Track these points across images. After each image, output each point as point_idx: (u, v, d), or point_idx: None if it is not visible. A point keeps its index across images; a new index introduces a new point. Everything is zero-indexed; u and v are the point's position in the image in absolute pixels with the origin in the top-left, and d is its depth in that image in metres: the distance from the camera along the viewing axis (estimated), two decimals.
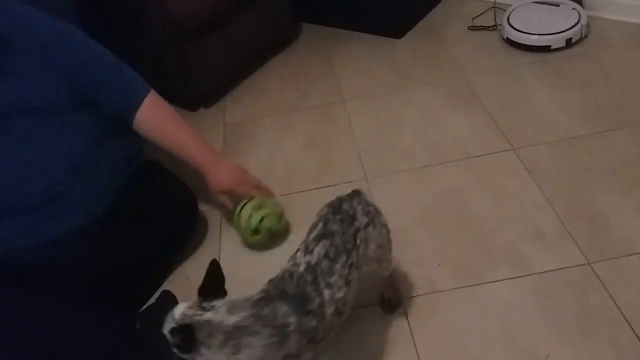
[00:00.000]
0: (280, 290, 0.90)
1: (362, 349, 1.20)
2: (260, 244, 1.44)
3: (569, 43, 1.95)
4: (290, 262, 0.96)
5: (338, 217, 1.01)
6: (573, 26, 1.95)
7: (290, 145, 1.81)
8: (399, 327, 1.22)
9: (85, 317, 1.22)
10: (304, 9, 2.36)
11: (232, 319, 0.84)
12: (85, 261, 1.29)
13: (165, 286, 1.41)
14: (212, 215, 1.60)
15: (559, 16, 2.01)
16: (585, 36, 1.99)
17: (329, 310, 0.92)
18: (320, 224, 1.00)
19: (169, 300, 1.31)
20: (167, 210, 1.41)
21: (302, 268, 0.94)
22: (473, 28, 2.18)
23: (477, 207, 1.47)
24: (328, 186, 1.61)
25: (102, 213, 1.33)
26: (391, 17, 2.20)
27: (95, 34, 1.48)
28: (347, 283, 0.95)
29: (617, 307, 1.17)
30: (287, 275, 0.93)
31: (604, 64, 1.88)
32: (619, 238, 1.31)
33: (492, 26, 2.15)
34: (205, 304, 0.86)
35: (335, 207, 1.03)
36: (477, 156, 1.62)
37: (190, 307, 0.86)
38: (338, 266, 0.94)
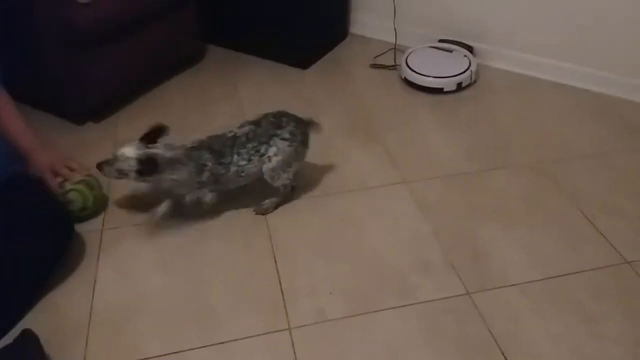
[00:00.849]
0: (209, 144, 1.44)
1: None
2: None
3: (460, 87, 2.10)
4: (230, 130, 1.47)
5: (272, 119, 1.48)
6: (464, 72, 2.10)
7: None
8: (284, 358, 1.19)
9: None
10: (212, 31, 2.33)
11: (169, 154, 1.39)
12: None
13: (32, 316, 1.27)
14: (91, 237, 1.48)
15: (451, 61, 2.16)
16: (475, 81, 2.16)
17: (233, 168, 1.44)
18: (260, 116, 1.49)
19: (29, 342, 1.15)
20: (37, 227, 1.27)
21: (229, 135, 1.45)
22: (375, 66, 2.27)
23: (370, 237, 1.49)
24: (222, 212, 1.56)
25: None
26: (297, 48, 2.24)
27: None
28: (249, 160, 1.44)
29: (492, 335, 1.23)
30: (220, 136, 1.46)
31: (490, 108, 2.03)
32: (496, 270, 1.39)
33: (392, 66, 2.25)
34: (149, 146, 1.38)
35: (276, 113, 1.50)
36: (373, 187, 1.66)
37: (138, 148, 1.38)
38: (249, 145, 1.44)
